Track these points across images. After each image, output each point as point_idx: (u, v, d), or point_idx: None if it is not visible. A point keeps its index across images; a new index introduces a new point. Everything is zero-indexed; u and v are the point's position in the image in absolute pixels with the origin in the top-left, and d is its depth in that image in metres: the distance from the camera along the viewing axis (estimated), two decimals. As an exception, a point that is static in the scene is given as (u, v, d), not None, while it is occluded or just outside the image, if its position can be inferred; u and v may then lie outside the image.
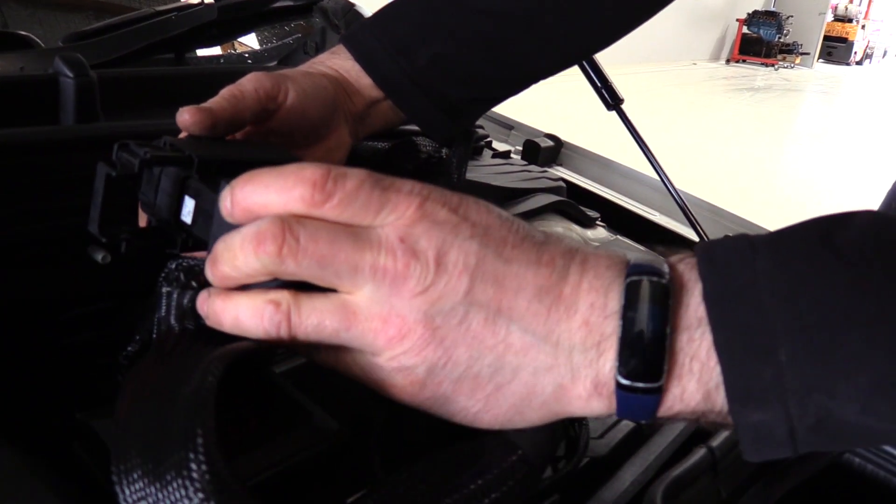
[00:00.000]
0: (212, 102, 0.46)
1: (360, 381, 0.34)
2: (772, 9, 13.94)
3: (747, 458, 0.31)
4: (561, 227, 0.82)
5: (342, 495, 0.36)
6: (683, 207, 0.86)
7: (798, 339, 0.28)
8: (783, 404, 0.29)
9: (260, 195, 0.32)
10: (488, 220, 0.33)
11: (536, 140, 1.04)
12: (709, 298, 0.30)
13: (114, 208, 0.37)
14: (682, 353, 0.30)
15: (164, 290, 0.37)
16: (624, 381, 0.30)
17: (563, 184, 0.89)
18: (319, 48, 0.96)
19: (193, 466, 0.26)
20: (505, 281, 0.31)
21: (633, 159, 1.02)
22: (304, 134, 0.53)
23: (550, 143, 1.06)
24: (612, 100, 0.90)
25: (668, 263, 0.32)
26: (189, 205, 0.36)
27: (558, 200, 0.83)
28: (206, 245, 0.35)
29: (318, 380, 0.39)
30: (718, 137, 6.40)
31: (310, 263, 0.31)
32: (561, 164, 1.07)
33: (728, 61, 13.48)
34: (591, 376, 0.31)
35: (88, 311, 0.55)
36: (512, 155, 1.03)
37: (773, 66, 13.12)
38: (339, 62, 0.58)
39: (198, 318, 0.36)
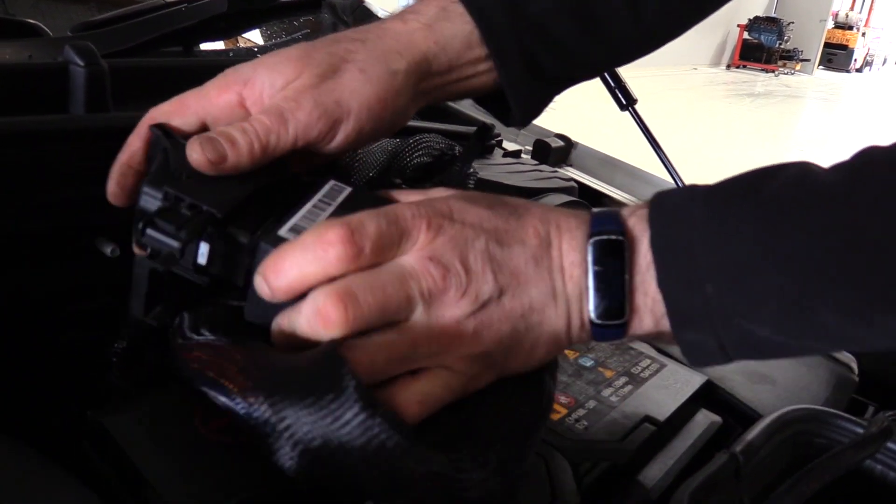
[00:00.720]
0: (234, 153, 0.40)
1: (432, 400, 0.37)
2: (773, 15, 13.95)
3: (691, 365, 0.39)
4: (573, 228, 0.81)
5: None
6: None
7: (720, 275, 0.35)
8: (712, 326, 0.36)
9: (295, 272, 0.35)
10: (479, 217, 0.38)
11: (547, 140, 1.03)
12: (654, 245, 0.36)
13: (155, 293, 0.37)
14: (638, 292, 0.37)
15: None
16: (598, 322, 0.37)
17: (574, 184, 0.88)
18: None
19: (350, 383, 0.31)
20: (513, 262, 0.37)
21: (640, 157, 1.01)
22: (349, 151, 0.49)
23: (561, 143, 1.04)
24: (625, 100, 0.89)
25: (623, 216, 0.38)
26: (204, 248, 0.37)
27: (570, 201, 0.82)
28: (223, 281, 0.38)
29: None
30: (718, 142, 6.40)
31: (372, 314, 0.35)
32: (571, 165, 1.06)
33: (728, 67, 13.49)
34: (578, 318, 0.38)
35: (89, 307, 0.53)
36: (522, 155, 1.02)
37: (773, 72, 13.13)
38: (432, 35, 0.50)
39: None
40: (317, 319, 0.34)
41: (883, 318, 0.34)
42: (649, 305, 0.37)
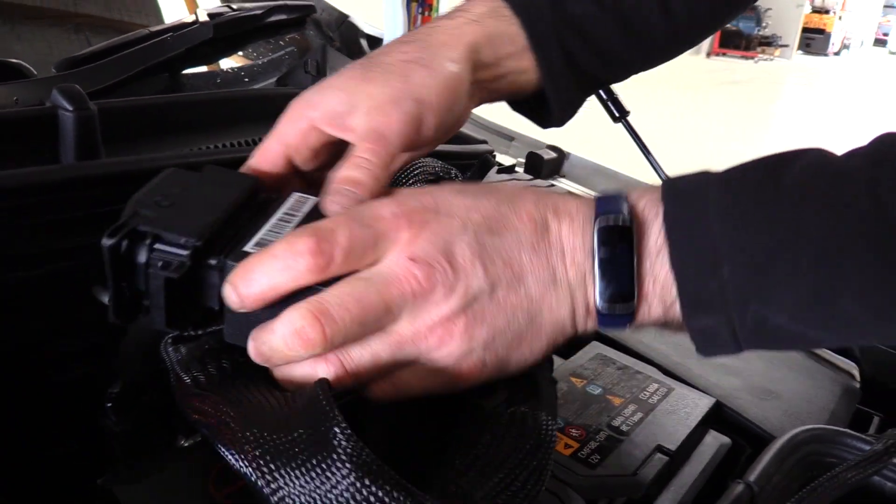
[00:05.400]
0: (363, 189, 0.41)
1: (426, 394, 0.37)
2: (750, 2, 14.01)
3: (700, 354, 0.37)
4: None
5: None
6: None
7: (738, 258, 0.34)
8: (726, 311, 0.34)
9: (264, 281, 0.34)
10: (466, 206, 0.37)
11: (539, 152, 1.02)
12: (668, 225, 0.35)
13: (175, 304, 0.36)
14: (646, 277, 0.36)
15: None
16: (604, 308, 0.36)
17: (569, 198, 0.88)
18: (321, 66, 0.94)
19: (339, 441, 0.30)
20: (505, 251, 0.36)
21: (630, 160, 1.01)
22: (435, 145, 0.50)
23: (553, 154, 1.04)
24: (618, 112, 0.89)
25: (632, 200, 0.37)
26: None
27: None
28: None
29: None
30: (699, 132, 6.43)
31: (350, 328, 0.34)
32: (564, 176, 1.05)
33: (709, 55, 13.54)
34: (583, 304, 0.37)
35: (79, 349, 0.52)
36: (516, 168, 1.01)
37: (753, 58, 13.20)
38: (481, 28, 0.51)
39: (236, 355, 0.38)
40: (294, 340, 0.33)
41: None
42: (658, 291, 0.36)
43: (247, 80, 0.98)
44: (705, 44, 13.68)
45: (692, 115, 7.28)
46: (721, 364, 0.68)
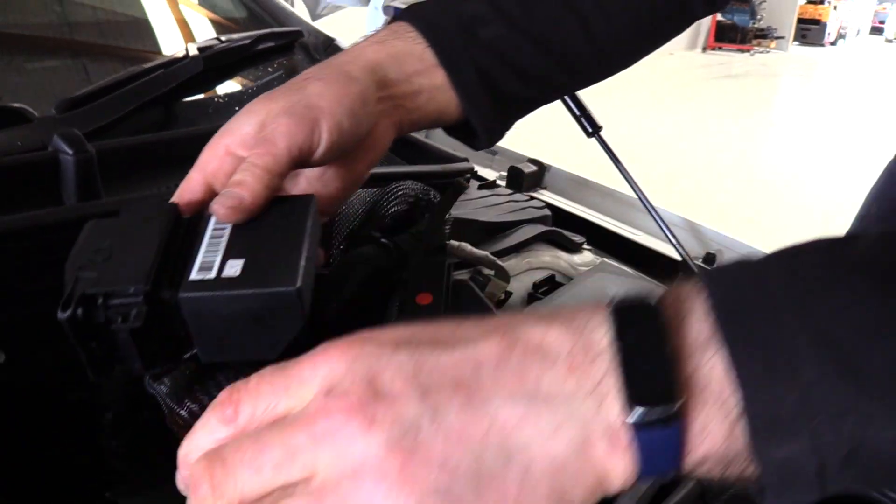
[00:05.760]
0: (243, 190, 0.42)
1: None
2: (745, -5, 14.06)
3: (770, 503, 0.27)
4: (549, 256, 0.85)
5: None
6: (662, 227, 0.89)
7: (824, 354, 0.25)
8: (811, 432, 0.25)
9: (186, 448, 0.31)
10: (408, 333, 0.30)
11: (520, 166, 1.07)
12: (717, 314, 0.26)
13: (147, 348, 0.38)
14: (692, 384, 0.26)
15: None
16: (635, 416, 0.26)
17: (548, 212, 0.92)
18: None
19: None
20: (457, 369, 0.28)
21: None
22: (340, 154, 0.49)
23: (534, 167, 1.08)
24: (591, 127, 0.93)
25: (661, 294, 0.29)
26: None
27: (545, 231, 0.86)
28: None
29: None
30: (695, 129, 6.46)
31: (250, 476, 0.28)
32: (545, 188, 1.10)
33: (704, 49, 13.56)
34: (601, 428, 0.27)
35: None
36: (498, 182, 1.06)
37: (749, 51, 13.21)
38: (383, 49, 0.52)
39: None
40: (195, 496, 0.28)
41: None
42: (712, 402, 0.26)
43: (237, 108, 1.03)
44: (700, 38, 13.69)
45: (684, 113, 7.30)
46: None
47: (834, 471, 0.26)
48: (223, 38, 0.98)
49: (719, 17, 13.47)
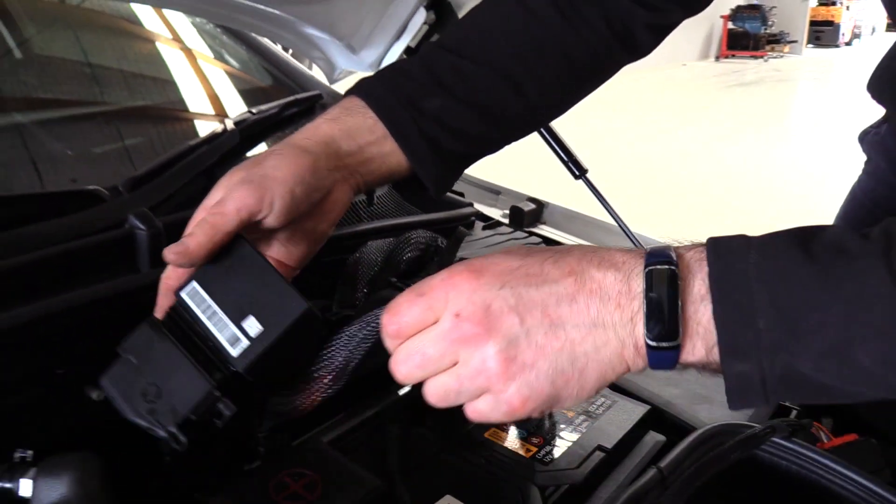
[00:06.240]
0: (190, 240, 0.52)
1: (498, 421, 0.49)
2: (754, 2, 14.09)
3: (731, 407, 0.43)
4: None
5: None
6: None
7: (771, 313, 0.40)
8: (758, 359, 0.41)
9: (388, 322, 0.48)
10: (508, 267, 0.45)
11: (520, 205, 1.20)
12: (712, 280, 0.42)
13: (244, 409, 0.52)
14: (690, 321, 0.42)
15: None
16: (652, 343, 0.42)
17: (544, 245, 1.04)
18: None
19: None
20: (543, 302, 0.44)
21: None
22: (296, 214, 0.57)
23: (533, 205, 1.21)
24: (577, 171, 1.05)
25: (679, 252, 0.44)
26: None
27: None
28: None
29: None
30: (708, 139, 6.49)
31: (426, 368, 0.46)
32: (545, 223, 1.22)
33: (717, 58, 13.60)
34: (631, 343, 0.43)
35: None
36: (501, 220, 1.19)
37: (762, 57, 13.22)
38: (336, 125, 0.61)
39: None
40: (413, 365, 0.46)
41: None
42: (701, 334, 0.42)
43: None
44: (713, 48, 13.73)
45: (697, 123, 7.32)
46: (665, 377, 0.84)
47: (773, 385, 0.41)
48: (254, 111, 1.13)
49: (731, 25, 13.53)
